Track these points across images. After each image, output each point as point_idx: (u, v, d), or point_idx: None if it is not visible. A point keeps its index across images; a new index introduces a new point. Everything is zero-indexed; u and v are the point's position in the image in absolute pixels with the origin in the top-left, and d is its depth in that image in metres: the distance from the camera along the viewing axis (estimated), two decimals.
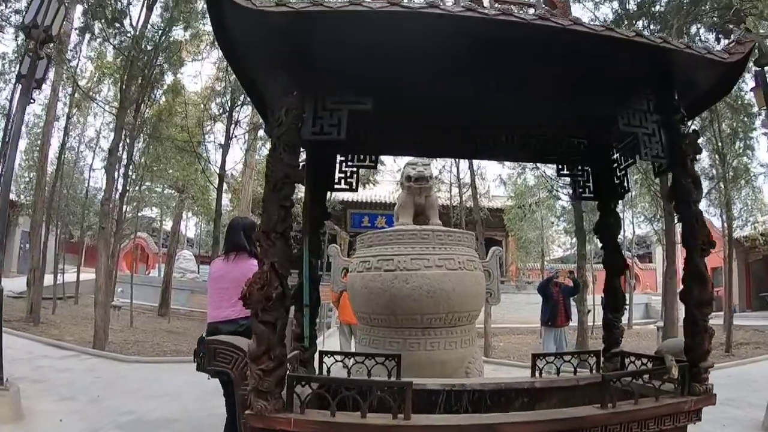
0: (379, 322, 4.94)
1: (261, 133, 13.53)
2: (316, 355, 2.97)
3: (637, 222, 24.16)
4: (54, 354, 8.71)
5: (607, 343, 3.49)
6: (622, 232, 20.55)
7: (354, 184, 3.10)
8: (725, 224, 15.33)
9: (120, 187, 11.46)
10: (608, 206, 3.61)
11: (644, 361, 3.17)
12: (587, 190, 3.64)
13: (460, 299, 4.93)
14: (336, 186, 3.09)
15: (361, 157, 3.18)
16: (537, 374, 3.28)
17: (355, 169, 3.13)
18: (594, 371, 3.46)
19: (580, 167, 3.66)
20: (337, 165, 3.09)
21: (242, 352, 2.09)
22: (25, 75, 5.77)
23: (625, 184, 3.56)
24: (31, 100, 6.07)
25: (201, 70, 42.82)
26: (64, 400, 5.89)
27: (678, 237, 4.54)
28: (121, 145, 12.53)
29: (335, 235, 22.17)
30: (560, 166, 3.74)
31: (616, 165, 3.57)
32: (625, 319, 16.18)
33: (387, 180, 23.12)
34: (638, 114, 2.77)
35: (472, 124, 3.43)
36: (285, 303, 1.90)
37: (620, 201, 4.02)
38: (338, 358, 3.00)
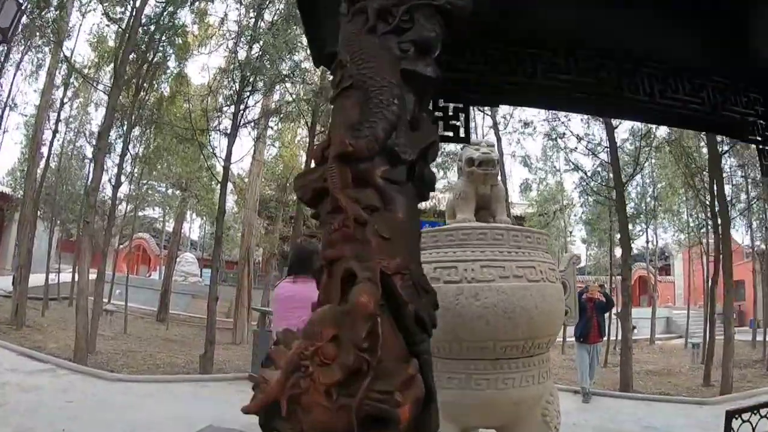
0: (436, 351, 3.65)
1: (271, 123, 12.33)
2: None
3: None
4: (26, 367, 7.46)
5: None
6: (645, 242, 19.24)
7: (462, 130, 1.86)
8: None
9: (114, 180, 10.24)
10: None
11: None
12: None
13: (543, 320, 3.68)
14: None
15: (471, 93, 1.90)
16: None
17: (462, 105, 1.87)
18: None
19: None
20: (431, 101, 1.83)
21: None
22: None
23: None
24: None
25: (207, 63, 41.51)
26: None
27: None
28: (117, 132, 11.42)
29: None
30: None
31: None
32: (647, 334, 15.17)
33: None
34: None
35: (623, 68, 2.21)
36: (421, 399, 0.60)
37: None
38: None
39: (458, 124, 1.84)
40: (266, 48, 8.27)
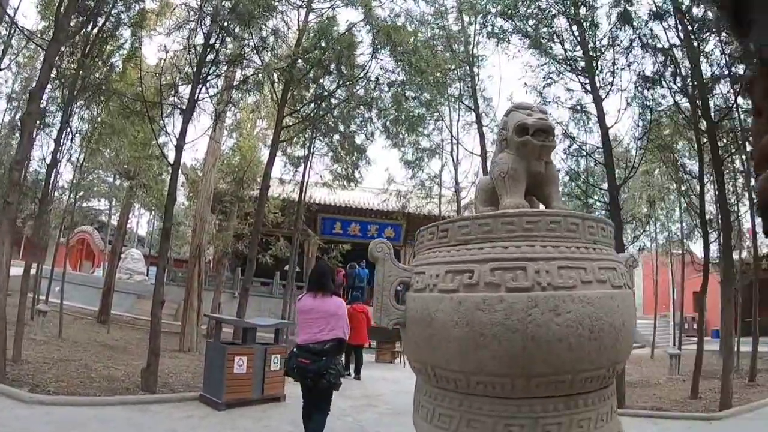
0: (489, 389, 2.56)
1: (235, 102, 10.94)
2: None
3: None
4: None
5: None
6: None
7: None
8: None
9: (49, 158, 8.69)
10: None
11: None
12: None
13: (626, 339, 2.74)
14: None
15: None
16: None
17: None
18: None
19: None
20: None
21: None
22: None
23: None
24: None
25: (165, 43, 38.94)
26: None
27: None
28: (57, 106, 9.89)
29: (304, 241, 19.56)
30: None
31: None
32: None
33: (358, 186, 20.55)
34: None
35: None
36: None
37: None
38: None
39: None
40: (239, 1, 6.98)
